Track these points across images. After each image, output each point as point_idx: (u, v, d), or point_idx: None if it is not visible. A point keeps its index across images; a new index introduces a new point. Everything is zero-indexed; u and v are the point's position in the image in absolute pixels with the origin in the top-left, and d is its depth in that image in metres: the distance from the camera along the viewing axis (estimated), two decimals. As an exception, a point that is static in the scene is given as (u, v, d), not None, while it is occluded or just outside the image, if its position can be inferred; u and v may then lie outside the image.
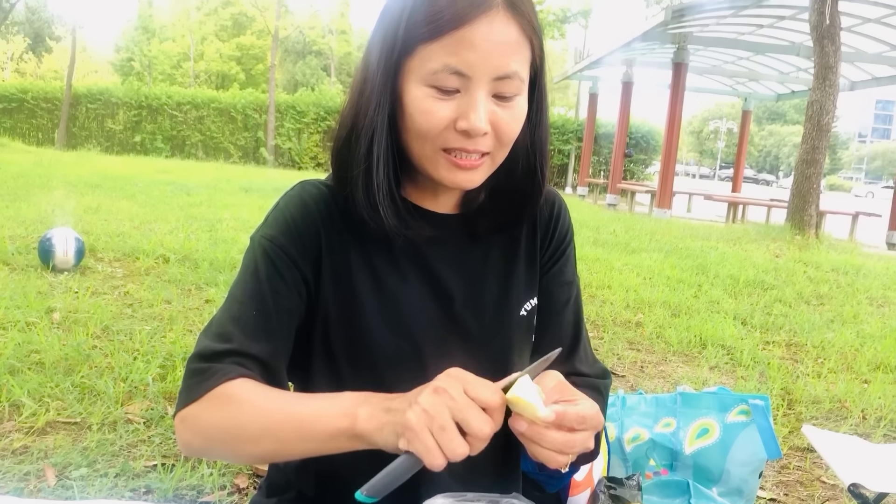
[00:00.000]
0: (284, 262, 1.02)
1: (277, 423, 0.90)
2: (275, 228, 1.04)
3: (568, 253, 1.21)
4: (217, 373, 0.94)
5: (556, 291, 1.19)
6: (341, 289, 1.05)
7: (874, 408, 3.68)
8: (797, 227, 11.58)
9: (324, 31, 38.60)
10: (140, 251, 5.96)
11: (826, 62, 11.15)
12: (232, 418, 0.91)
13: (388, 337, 1.05)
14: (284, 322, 1.02)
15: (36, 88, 26.82)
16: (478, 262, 1.13)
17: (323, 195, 1.07)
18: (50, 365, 3.21)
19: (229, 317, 1.00)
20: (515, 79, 0.95)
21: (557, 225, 1.20)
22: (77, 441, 2.57)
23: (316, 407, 0.90)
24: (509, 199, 1.10)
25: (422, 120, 0.94)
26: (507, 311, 1.13)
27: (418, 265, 1.08)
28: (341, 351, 1.06)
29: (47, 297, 4.40)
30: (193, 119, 26.08)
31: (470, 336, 1.10)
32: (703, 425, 2.45)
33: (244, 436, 0.92)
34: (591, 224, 11.08)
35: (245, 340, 0.98)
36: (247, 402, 0.91)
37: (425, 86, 0.94)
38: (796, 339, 5.05)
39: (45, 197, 9.19)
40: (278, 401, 0.93)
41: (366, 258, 1.06)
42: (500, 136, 0.97)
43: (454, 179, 0.99)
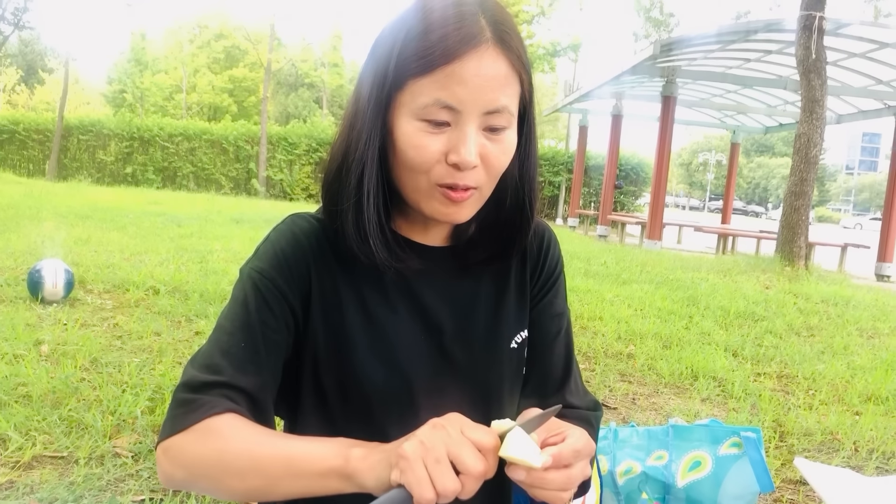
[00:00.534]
0: (274, 295, 1.02)
1: (266, 458, 0.89)
2: (264, 261, 1.04)
3: (558, 285, 1.22)
4: (204, 405, 0.93)
5: (547, 323, 1.19)
6: (331, 322, 1.05)
7: (866, 440, 3.68)
8: (787, 259, 11.63)
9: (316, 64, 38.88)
10: (130, 283, 5.94)
11: (813, 95, 11.28)
12: (219, 452, 0.90)
13: (378, 370, 1.04)
14: (273, 355, 1.01)
15: (28, 120, 26.87)
16: (468, 295, 1.13)
17: (313, 228, 1.07)
18: (37, 398, 3.18)
19: (218, 348, 1.00)
20: (505, 113, 0.96)
21: (547, 257, 1.20)
22: (64, 475, 2.53)
23: (307, 446, 0.89)
24: (499, 232, 1.11)
25: (413, 154, 0.95)
26: (497, 343, 1.13)
27: (408, 298, 1.08)
28: (331, 384, 1.05)
29: (36, 329, 4.37)
30: (185, 150, 26.12)
31: (460, 369, 1.09)
32: (695, 458, 2.44)
33: (230, 470, 0.90)
34: (581, 255, 11.10)
35: (233, 372, 0.97)
36: (235, 437, 0.90)
37: (416, 120, 0.94)
38: (787, 370, 5.05)
39: (35, 228, 9.16)
40: (268, 437, 0.92)
41: (356, 291, 1.06)
42: (489, 169, 0.98)
43: (446, 213, 1.00)
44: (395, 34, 0.96)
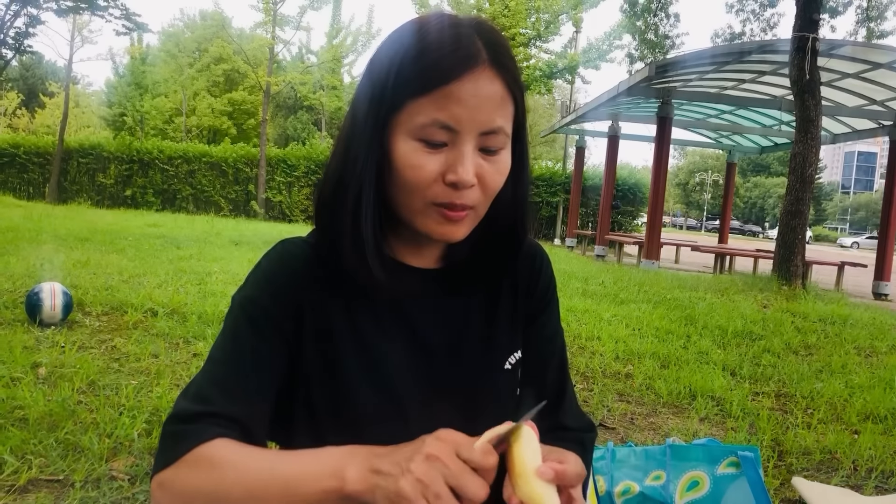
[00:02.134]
0: (265, 323, 1.02)
1: (262, 486, 0.87)
2: (255, 289, 1.05)
3: (551, 305, 1.22)
4: (194, 434, 0.92)
5: (541, 344, 1.19)
6: (323, 347, 1.05)
7: (865, 459, 3.67)
8: (784, 278, 11.64)
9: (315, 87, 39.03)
10: (128, 305, 5.93)
11: (807, 115, 11.35)
12: (214, 482, 0.89)
13: (370, 395, 1.04)
14: (265, 384, 1.01)
15: (28, 143, 26.94)
16: (460, 317, 1.13)
17: (305, 253, 1.07)
18: (34, 421, 3.17)
19: (209, 379, 1.00)
20: (500, 134, 0.98)
21: (539, 277, 1.21)
22: (59, 499, 2.52)
23: (301, 467, 0.88)
24: (490, 253, 1.12)
25: (411, 174, 0.96)
26: (490, 365, 1.13)
27: (400, 321, 1.08)
28: (323, 409, 1.05)
29: (33, 351, 4.37)
30: (185, 173, 26.17)
31: (453, 392, 1.09)
32: (693, 478, 2.44)
33: (227, 500, 0.89)
34: (579, 275, 11.11)
35: (224, 402, 0.97)
36: (228, 464, 0.89)
37: (413, 140, 0.95)
38: (785, 389, 5.04)
39: (34, 251, 9.16)
40: (262, 461, 0.90)
41: (347, 316, 1.06)
42: (485, 188, 0.99)
43: (442, 232, 1.00)
44: (392, 55, 0.97)
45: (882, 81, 13.92)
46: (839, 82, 14.72)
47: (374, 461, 0.84)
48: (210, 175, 26.26)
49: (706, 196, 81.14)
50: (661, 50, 20.75)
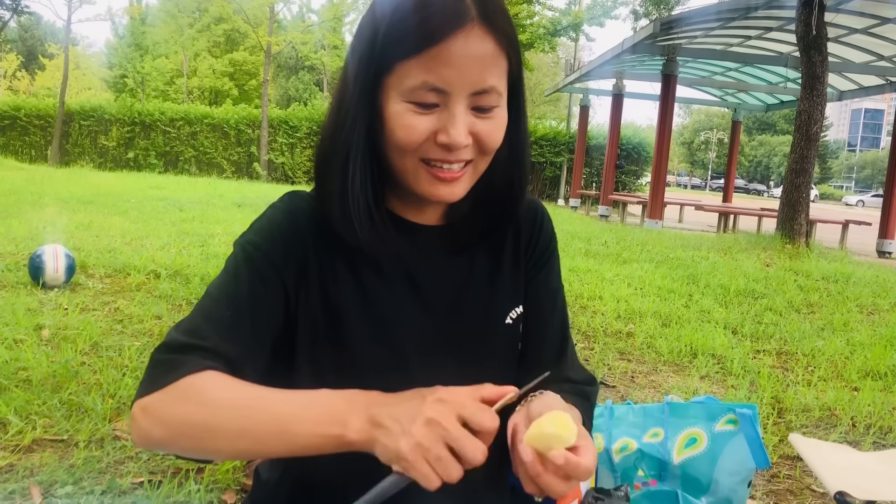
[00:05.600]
0: (265, 268, 1.02)
1: (256, 422, 0.87)
2: (259, 235, 1.05)
3: (552, 261, 1.22)
4: (185, 364, 0.92)
5: (542, 298, 1.19)
6: (327, 300, 1.05)
7: (864, 415, 3.69)
8: (787, 236, 11.61)
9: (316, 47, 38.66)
10: (131, 267, 5.95)
11: (813, 72, 11.22)
12: (204, 414, 0.88)
13: (374, 348, 1.05)
14: (260, 328, 1.01)
15: (29, 105, 26.80)
16: (462, 273, 1.13)
17: (311, 207, 1.08)
18: (37, 382, 3.19)
19: (203, 315, 1.00)
20: (493, 92, 0.96)
21: (540, 233, 1.21)
22: (63, 459, 2.55)
23: (299, 409, 0.87)
24: (491, 209, 1.11)
25: (402, 135, 0.95)
26: (492, 320, 1.13)
27: (404, 277, 1.09)
28: (327, 362, 1.06)
29: (36, 314, 4.39)
30: (187, 135, 26.08)
31: (456, 346, 1.10)
32: (690, 435, 2.45)
33: (218, 434, 0.88)
34: (582, 235, 11.09)
35: (215, 338, 0.96)
36: (221, 397, 0.89)
37: (404, 101, 0.94)
38: (786, 347, 5.06)
39: (36, 214, 9.17)
40: (256, 397, 0.89)
41: (352, 270, 1.07)
42: (481, 146, 0.99)
43: (436, 192, 1.00)
44: (379, 16, 0.96)
45: (890, 36, 13.73)
46: (846, 38, 14.53)
47: (375, 412, 0.83)
48: (212, 137, 26.17)
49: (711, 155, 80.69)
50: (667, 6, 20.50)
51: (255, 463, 2.33)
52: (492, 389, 0.86)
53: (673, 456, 2.43)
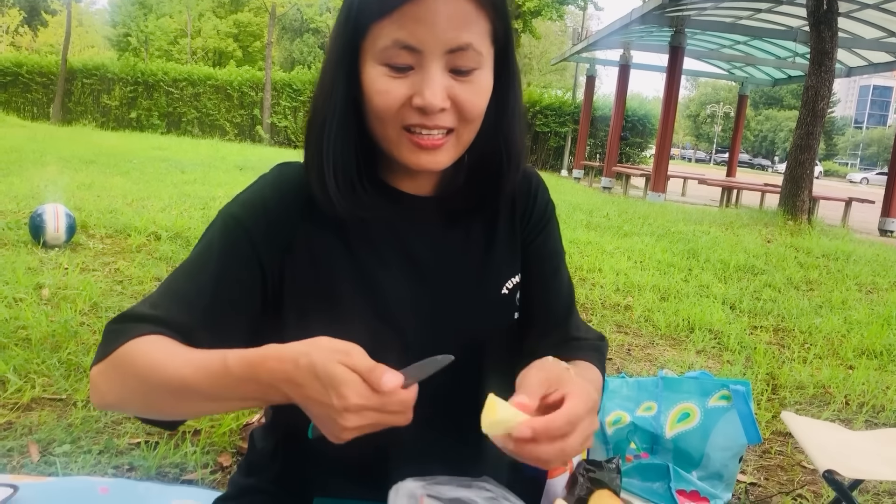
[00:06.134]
0: (242, 246, 1.01)
1: (185, 391, 0.86)
2: (243, 209, 1.03)
3: (550, 225, 1.20)
4: (128, 331, 0.92)
5: (543, 262, 1.18)
6: (319, 275, 1.04)
7: (857, 394, 3.71)
8: (790, 213, 11.59)
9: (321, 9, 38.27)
10: (132, 228, 5.95)
11: (822, 48, 11.11)
12: (139, 379, 0.89)
13: (369, 322, 1.03)
14: (222, 304, 0.99)
15: (31, 62, 26.62)
16: (457, 244, 1.11)
17: (301, 177, 1.05)
18: (37, 341, 3.21)
19: (167, 286, 0.99)
20: (470, 51, 0.92)
21: (536, 200, 1.19)
22: (62, 418, 2.58)
23: (215, 383, 0.84)
24: (483, 180, 1.09)
25: (378, 100, 0.93)
26: (488, 290, 1.12)
27: (397, 248, 1.08)
28: (319, 333, 1.05)
29: (37, 273, 4.40)
30: (190, 96, 25.93)
31: (452, 317, 1.09)
32: (684, 409, 2.47)
33: (154, 398, 0.90)
34: (584, 207, 11.08)
35: (171, 310, 0.95)
36: (152, 363, 0.88)
37: (379, 64, 0.92)
38: (784, 324, 5.07)
39: (38, 172, 9.15)
40: (181, 367, 0.87)
41: (344, 243, 1.05)
42: (461, 111, 0.95)
43: (418, 161, 0.97)
44: None
45: (901, 13, 13.58)
46: (857, 13, 14.36)
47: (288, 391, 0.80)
48: (215, 98, 26.03)
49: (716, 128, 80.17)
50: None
51: (252, 427, 2.35)
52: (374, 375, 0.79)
53: (665, 430, 2.45)
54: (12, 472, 2.19)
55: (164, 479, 2.27)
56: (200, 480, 2.28)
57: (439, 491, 0.99)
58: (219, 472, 2.35)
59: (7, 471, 2.19)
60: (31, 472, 2.20)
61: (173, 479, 2.27)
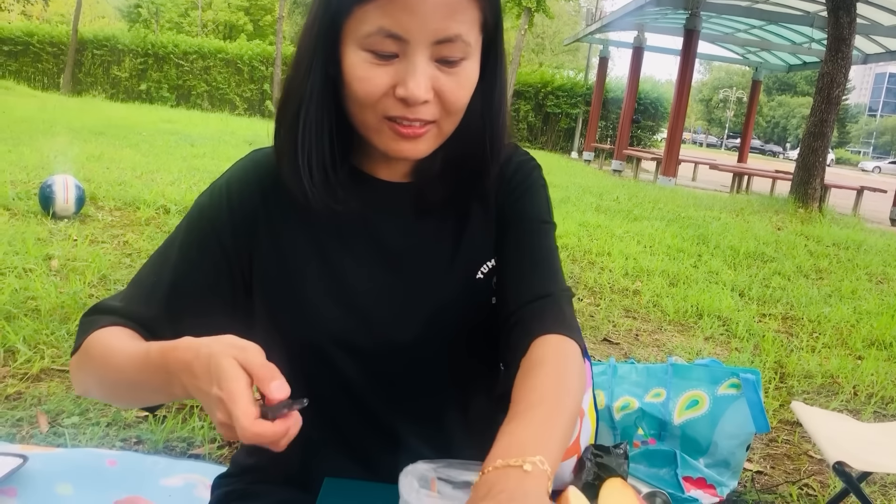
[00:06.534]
0: (206, 237, 1.00)
1: (121, 381, 0.89)
2: (209, 199, 1.03)
3: (531, 192, 1.12)
4: (94, 323, 0.95)
5: (520, 224, 1.09)
6: (284, 264, 1.02)
7: (866, 384, 3.70)
8: (801, 200, 11.52)
9: (333, -16, 38.08)
10: (141, 201, 5.95)
11: (840, 34, 10.99)
12: (96, 371, 0.92)
13: (334, 312, 1.01)
14: (182, 294, 0.99)
15: (42, 32, 26.56)
16: (430, 229, 1.07)
17: (271, 164, 1.02)
18: (46, 312, 3.22)
19: (135, 279, 1.01)
20: (459, 42, 0.88)
21: (516, 171, 1.11)
22: (70, 389, 2.58)
23: (141, 372, 0.85)
24: (461, 169, 1.05)
25: (358, 87, 0.89)
26: (461, 277, 1.07)
27: (367, 236, 1.05)
28: (285, 326, 1.02)
29: (46, 243, 4.40)
30: (200, 69, 25.86)
31: (423, 306, 1.05)
32: (692, 397, 2.46)
33: (108, 387, 0.93)
34: (594, 190, 11.03)
35: (133, 303, 0.97)
36: (104, 355, 0.91)
37: (362, 50, 0.88)
38: (793, 312, 5.05)
39: (48, 142, 9.15)
40: (119, 356, 0.89)
41: (310, 231, 1.03)
42: (445, 104, 0.92)
43: (398, 149, 0.94)
44: None
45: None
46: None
47: (187, 382, 0.78)
48: (225, 72, 25.95)
49: (729, 113, 79.69)
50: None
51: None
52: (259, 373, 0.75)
53: (674, 417, 2.44)
54: (21, 442, 2.20)
55: (172, 453, 2.28)
56: (207, 455, 2.28)
57: (450, 474, 0.98)
58: (226, 447, 2.35)
59: (16, 440, 2.20)
60: (40, 442, 2.21)
61: (180, 454, 2.28)
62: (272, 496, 1.10)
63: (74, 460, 2.08)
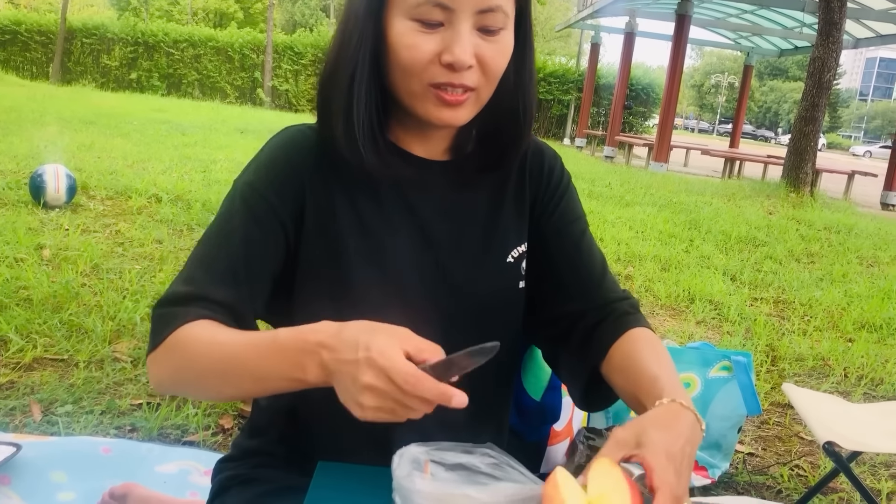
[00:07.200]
0: (262, 210, 1.01)
1: (232, 372, 0.89)
2: (256, 175, 1.04)
3: (569, 193, 1.20)
4: (178, 316, 0.93)
5: (569, 227, 1.18)
6: (326, 236, 1.04)
7: (856, 366, 3.73)
8: (792, 185, 11.55)
9: (324, -29, 37.88)
10: (132, 190, 5.93)
11: (831, 18, 10.99)
12: (191, 366, 0.91)
13: (373, 283, 1.04)
14: (256, 269, 1.00)
15: (30, 21, 26.27)
16: (465, 210, 1.12)
17: (308, 140, 1.06)
18: (38, 302, 3.21)
19: (198, 262, 1.00)
20: (499, 12, 0.95)
21: (552, 171, 1.19)
22: (63, 378, 2.58)
23: (262, 356, 0.86)
24: (496, 143, 1.10)
25: (406, 55, 0.94)
26: (493, 258, 1.12)
27: (405, 211, 1.08)
28: (325, 297, 1.04)
29: (37, 233, 4.39)
30: (190, 57, 25.66)
31: (455, 283, 1.09)
32: (684, 379, 2.47)
33: (205, 382, 0.93)
34: (586, 176, 11.03)
35: (208, 285, 0.97)
36: (202, 350, 0.90)
37: (409, 19, 0.93)
38: (784, 296, 5.08)
39: (38, 132, 9.09)
40: (230, 347, 0.89)
41: (352, 204, 1.05)
42: (486, 70, 0.97)
43: (441, 116, 0.98)
44: None
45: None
46: (867, -17, 14.18)
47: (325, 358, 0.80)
48: (216, 60, 25.77)
49: (720, 99, 79.65)
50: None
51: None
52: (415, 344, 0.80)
53: (666, 399, 2.45)
54: (15, 431, 2.20)
55: (166, 440, 2.28)
56: (202, 442, 2.29)
57: (443, 457, 0.98)
58: (220, 434, 2.36)
59: (9, 429, 2.20)
60: (34, 431, 2.21)
61: (175, 441, 2.29)
62: (274, 482, 1.11)
63: (68, 448, 2.08)
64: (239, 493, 1.11)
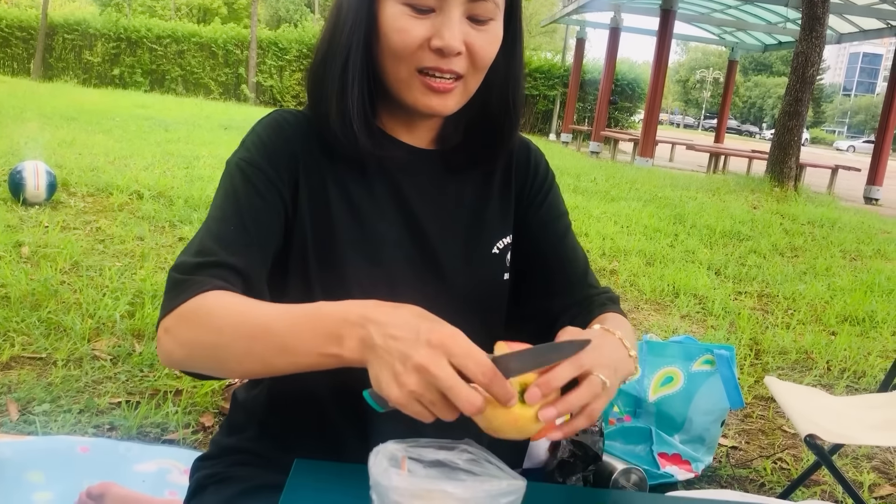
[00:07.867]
0: (262, 182, 1.01)
1: (260, 344, 0.85)
2: (251, 151, 1.04)
3: (553, 190, 1.22)
4: (195, 284, 0.91)
5: (554, 223, 1.19)
6: (319, 216, 1.04)
7: (839, 359, 3.74)
8: (776, 179, 11.61)
9: (308, -34, 37.71)
10: (114, 187, 5.88)
11: (814, 13, 11.05)
12: (214, 337, 0.88)
13: (363, 266, 1.05)
14: (263, 239, 1.00)
15: (10, 16, 25.99)
16: (452, 199, 1.12)
17: (299, 121, 1.07)
18: (16, 299, 3.17)
19: (208, 234, 0.98)
20: (490, 2, 0.96)
21: (537, 168, 1.20)
22: (42, 376, 2.55)
23: (297, 327, 0.84)
24: (483, 134, 1.10)
25: (397, 38, 0.95)
26: (478, 248, 1.13)
27: (394, 196, 1.08)
28: (316, 276, 1.05)
29: (16, 230, 4.34)
30: (174, 53, 25.50)
31: (441, 271, 1.10)
32: (667, 374, 2.47)
33: (227, 355, 0.88)
34: (572, 172, 11.05)
35: (223, 253, 0.96)
36: (227, 317, 0.88)
37: (401, 4, 0.94)
38: (768, 290, 5.10)
39: (18, 128, 9.00)
40: (259, 318, 0.87)
41: (342, 187, 1.06)
42: (474, 58, 0.98)
43: (428, 103, 0.99)
44: None
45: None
46: (849, -22, 14.26)
47: (370, 331, 0.78)
48: (199, 56, 25.62)
49: (705, 94, 79.96)
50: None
51: (234, 387, 2.33)
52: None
53: (649, 394, 2.45)
54: (-9, 430, 2.17)
55: (145, 438, 2.26)
56: (182, 440, 2.27)
57: (420, 453, 0.97)
58: (200, 432, 2.34)
59: (-15, 429, 2.17)
60: (10, 430, 2.18)
61: (154, 439, 2.26)
62: (251, 480, 1.09)
63: (46, 448, 2.05)
64: (216, 492, 1.09)
